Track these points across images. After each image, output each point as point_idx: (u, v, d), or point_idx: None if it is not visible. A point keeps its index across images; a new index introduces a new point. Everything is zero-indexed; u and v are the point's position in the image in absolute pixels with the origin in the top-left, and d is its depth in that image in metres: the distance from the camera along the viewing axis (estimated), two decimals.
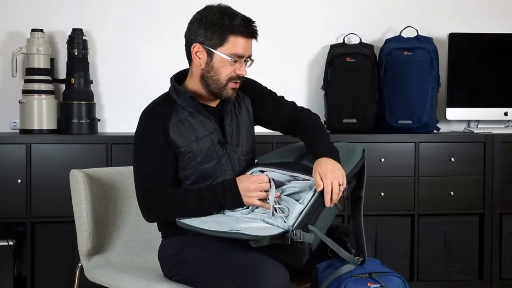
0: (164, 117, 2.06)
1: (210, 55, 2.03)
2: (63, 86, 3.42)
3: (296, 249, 1.85)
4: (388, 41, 3.58)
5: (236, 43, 2.01)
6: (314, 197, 1.92)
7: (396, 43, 3.53)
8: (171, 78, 2.15)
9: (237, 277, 1.84)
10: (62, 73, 3.44)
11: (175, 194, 2.01)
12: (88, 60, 3.38)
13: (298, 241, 1.81)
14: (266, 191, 1.96)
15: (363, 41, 3.63)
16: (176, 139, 2.04)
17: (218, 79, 2.05)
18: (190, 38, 2.08)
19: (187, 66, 2.16)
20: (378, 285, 1.85)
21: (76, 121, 3.29)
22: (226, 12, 2.03)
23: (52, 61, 3.40)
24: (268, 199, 1.94)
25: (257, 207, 1.97)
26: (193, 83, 2.10)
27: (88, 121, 3.31)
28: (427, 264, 3.38)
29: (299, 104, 2.31)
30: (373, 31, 3.71)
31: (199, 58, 2.05)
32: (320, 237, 1.88)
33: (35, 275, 3.14)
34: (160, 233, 2.19)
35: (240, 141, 2.14)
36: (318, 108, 3.66)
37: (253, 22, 2.05)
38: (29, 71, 3.29)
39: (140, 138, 2.09)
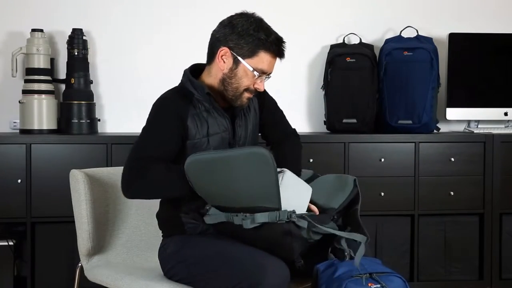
0: (182, 106, 2.03)
1: (236, 62, 2.03)
2: (63, 86, 3.42)
3: (285, 243, 1.86)
4: (388, 41, 3.58)
5: (264, 59, 2.03)
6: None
7: (396, 43, 3.53)
8: (186, 71, 2.13)
9: (237, 274, 1.84)
10: (62, 73, 3.44)
11: (160, 166, 1.97)
12: (88, 60, 3.38)
13: (292, 229, 1.83)
14: None
15: (363, 41, 3.63)
16: (192, 129, 2.02)
17: (237, 88, 2.05)
18: (219, 40, 2.05)
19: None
20: (378, 285, 1.85)
21: (76, 121, 3.29)
22: (262, 26, 2.03)
23: (52, 61, 3.40)
24: None
25: None
26: (211, 81, 2.09)
27: (88, 121, 3.31)
28: (427, 264, 3.38)
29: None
30: (373, 31, 3.71)
31: (224, 62, 2.04)
32: (323, 230, 1.89)
33: (35, 275, 3.14)
34: (160, 232, 2.19)
35: (246, 142, 2.15)
36: (318, 108, 3.67)
37: (285, 42, 2.08)
38: (29, 71, 3.29)
39: (152, 117, 2.04)
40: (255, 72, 2.03)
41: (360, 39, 3.63)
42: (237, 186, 1.87)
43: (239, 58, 2.02)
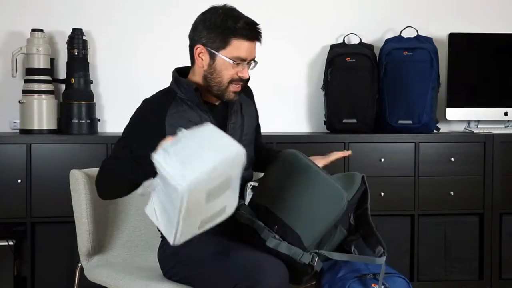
0: (162, 106, 2.04)
1: (212, 57, 2.03)
2: (63, 86, 3.42)
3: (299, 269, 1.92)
4: (388, 41, 3.58)
5: (239, 47, 2.01)
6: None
7: (396, 43, 3.53)
8: (173, 71, 2.14)
9: (236, 275, 1.84)
10: (62, 73, 3.44)
11: (110, 159, 2.00)
12: (88, 60, 3.38)
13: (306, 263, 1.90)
14: None
15: (363, 41, 3.63)
16: (172, 127, 1.98)
17: (220, 81, 2.04)
18: (194, 39, 2.07)
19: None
20: (382, 287, 1.85)
21: (76, 121, 3.29)
22: (230, 15, 2.02)
23: (52, 61, 3.40)
24: None
25: None
26: (197, 80, 2.09)
27: (88, 121, 3.31)
28: (427, 264, 3.38)
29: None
30: (373, 31, 3.71)
31: (202, 59, 2.05)
32: (334, 257, 1.95)
33: (35, 275, 3.14)
34: (160, 233, 2.19)
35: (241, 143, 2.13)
36: (318, 108, 3.67)
37: (257, 25, 2.05)
38: (29, 71, 3.29)
39: (132, 120, 2.06)
40: (232, 61, 2.01)
41: (360, 39, 3.63)
42: (298, 200, 1.95)
43: (214, 51, 2.02)
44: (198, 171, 1.57)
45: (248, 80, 2.10)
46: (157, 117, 2.02)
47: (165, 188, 1.63)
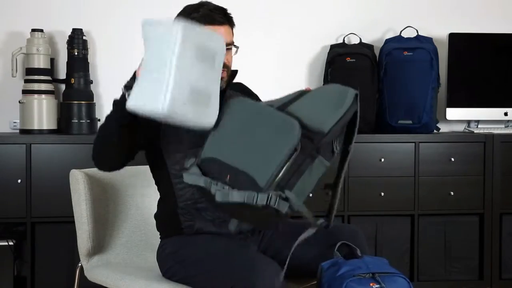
0: None
1: None
2: (63, 86, 3.42)
3: (264, 213, 1.71)
4: (388, 41, 3.58)
5: None
6: (294, 156, 1.69)
7: (396, 43, 3.53)
8: None
9: (231, 276, 1.84)
10: (62, 73, 3.44)
11: None
12: (88, 60, 3.38)
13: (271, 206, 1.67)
14: None
15: (363, 41, 3.63)
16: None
17: None
18: None
19: None
20: (378, 286, 1.85)
21: (76, 121, 3.29)
22: (195, 6, 2.05)
23: (52, 61, 3.40)
24: None
25: None
26: None
27: (88, 121, 3.31)
28: (427, 264, 3.38)
29: None
30: (373, 31, 3.71)
31: None
32: (296, 208, 1.70)
33: (35, 275, 3.14)
34: (159, 233, 2.19)
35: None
36: None
37: (224, 9, 2.05)
38: (29, 71, 3.29)
39: None
40: None
41: (360, 39, 3.63)
42: (248, 141, 1.75)
43: None
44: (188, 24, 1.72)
45: (228, 66, 2.06)
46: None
47: (156, 40, 1.76)
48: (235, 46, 2.08)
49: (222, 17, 2.04)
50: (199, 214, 2.04)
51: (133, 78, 1.89)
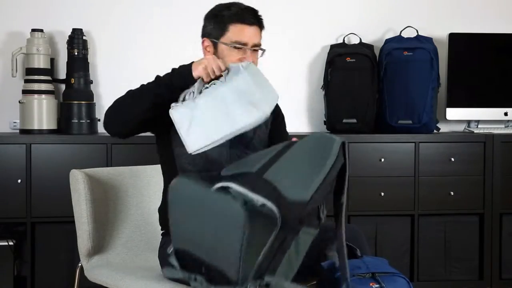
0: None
1: (215, 47, 2.06)
2: (63, 86, 3.42)
3: None
4: (388, 41, 3.58)
5: (236, 31, 2.03)
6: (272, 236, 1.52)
7: (396, 43, 3.53)
8: None
9: None
10: (62, 73, 3.44)
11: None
12: (88, 60, 3.38)
13: None
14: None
15: (363, 41, 3.63)
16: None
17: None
18: (201, 35, 2.11)
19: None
20: (377, 285, 1.85)
21: (76, 121, 3.29)
22: (227, 5, 2.07)
23: (52, 61, 3.41)
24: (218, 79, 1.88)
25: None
26: None
27: (88, 121, 3.32)
28: (427, 264, 3.38)
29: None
30: (373, 31, 3.71)
31: (208, 52, 2.08)
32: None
33: (35, 275, 3.14)
34: (160, 232, 2.18)
35: (250, 144, 2.09)
36: (318, 108, 3.67)
37: (255, 10, 2.08)
38: (29, 71, 3.29)
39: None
40: (233, 46, 2.03)
41: (360, 39, 3.63)
42: (206, 231, 1.58)
43: (215, 40, 2.05)
44: None
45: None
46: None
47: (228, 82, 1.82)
48: (261, 49, 2.09)
49: (253, 17, 2.06)
50: None
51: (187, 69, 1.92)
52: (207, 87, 1.86)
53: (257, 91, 1.81)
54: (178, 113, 1.81)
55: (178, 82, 1.92)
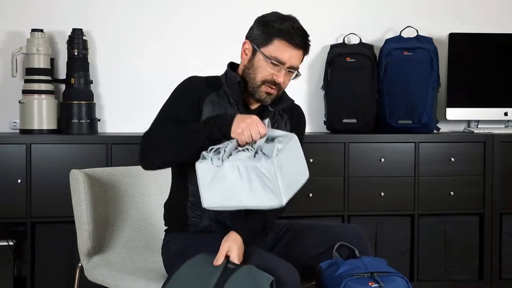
0: (204, 89, 2.04)
1: (254, 53, 2.04)
2: (63, 86, 3.42)
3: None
4: (388, 41, 3.58)
5: (279, 47, 2.01)
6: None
7: (396, 43, 3.53)
8: (228, 64, 2.14)
9: None
10: (62, 73, 3.44)
11: (167, 127, 1.99)
12: (88, 60, 3.38)
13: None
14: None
15: (363, 41, 3.63)
16: (206, 112, 2.01)
17: (254, 78, 2.03)
18: (246, 35, 2.09)
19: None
20: (376, 285, 1.85)
21: (76, 121, 3.29)
22: (283, 17, 2.05)
23: (52, 61, 3.40)
24: (254, 143, 1.87)
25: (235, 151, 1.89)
26: (240, 75, 2.09)
27: (88, 121, 3.32)
28: (427, 264, 3.38)
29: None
30: (373, 31, 3.71)
31: (246, 54, 2.06)
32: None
33: (35, 275, 3.14)
34: (163, 229, 2.17)
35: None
36: (318, 108, 3.67)
37: (306, 34, 2.06)
38: (29, 71, 3.29)
39: (172, 95, 2.07)
40: (270, 61, 2.01)
41: (360, 39, 3.63)
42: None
43: (256, 47, 2.03)
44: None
45: (281, 86, 2.07)
46: (195, 97, 2.03)
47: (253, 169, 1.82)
48: (298, 73, 2.09)
49: (301, 41, 2.05)
50: (207, 212, 2.03)
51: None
52: (238, 151, 1.86)
53: (286, 175, 1.82)
54: (202, 168, 1.85)
55: (217, 135, 1.90)
